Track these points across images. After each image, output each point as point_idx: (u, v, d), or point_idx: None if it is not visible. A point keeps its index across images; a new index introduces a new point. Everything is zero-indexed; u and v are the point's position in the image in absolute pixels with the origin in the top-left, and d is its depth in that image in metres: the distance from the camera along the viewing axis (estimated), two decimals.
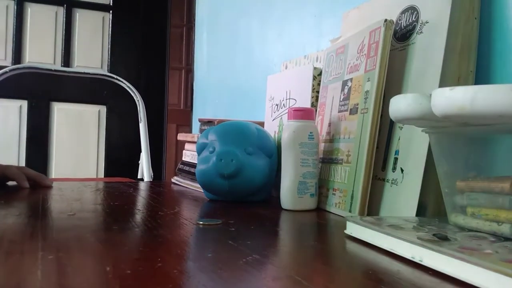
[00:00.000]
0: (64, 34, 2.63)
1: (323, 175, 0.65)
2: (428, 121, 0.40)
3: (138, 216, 0.54)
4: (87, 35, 2.67)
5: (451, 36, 0.53)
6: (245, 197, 0.68)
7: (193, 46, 2.13)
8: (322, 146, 0.67)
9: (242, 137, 0.68)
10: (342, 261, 0.38)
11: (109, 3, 2.72)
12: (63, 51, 2.62)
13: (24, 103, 2.57)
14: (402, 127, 0.56)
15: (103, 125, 2.71)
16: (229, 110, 1.57)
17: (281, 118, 0.81)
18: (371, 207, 0.57)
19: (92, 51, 2.68)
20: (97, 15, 2.69)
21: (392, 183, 0.56)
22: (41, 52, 2.59)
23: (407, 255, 0.35)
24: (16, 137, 2.51)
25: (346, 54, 0.65)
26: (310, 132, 0.62)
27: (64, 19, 2.63)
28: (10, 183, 0.80)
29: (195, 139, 0.88)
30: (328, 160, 0.65)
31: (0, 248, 0.37)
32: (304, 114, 0.63)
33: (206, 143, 0.69)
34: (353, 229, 0.44)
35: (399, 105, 0.41)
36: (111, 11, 2.71)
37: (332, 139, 0.65)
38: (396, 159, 0.56)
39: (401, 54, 0.58)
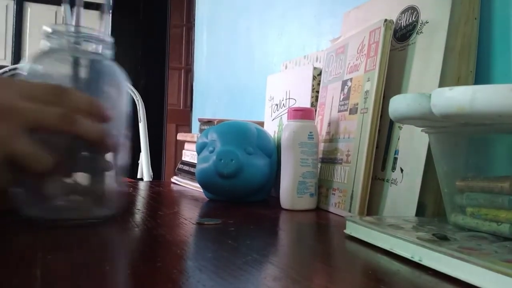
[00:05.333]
0: None
1: (322, 175, 0.65)
2: (427, 121, 0.40)
3: (138, 216, 0.54)
4: None
5: (451, 36, 0.53)
6: (245, 197, 0.68)
7: (192, 46, 2.13)
8: (321, 146, 0.67)
9: (242, 137, 0.68)
10: (342, 261, 0.38)
11: (109, 3, 2.72)
12: None
13: None
14: (401, 127, 0.56)
15: None
16: (228, 110, 1.57)
17: (281, 118, 0.81)
18: (370, 207, 0.57)
19: None
20: (97, 15, 2.69)
21: (391, 183, 0.56)
22: None
23: (407, 255, 0.35)
24: None
25: (346, 54, 0.66)
26: (310, 132, 0.62)
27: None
28: None
29: (195, 139, 0.88)
30: (327, 160, 0.65)
31: (0, 248, 0.37)
32: (304, 114, 0.63)
33: (206, 143, 0.69)
34: (353, 229, 0.44)
35: (399, 105, 0.41)
36: (111, 11, 2.71)
37: (331, 139, 0.65)
38: (395, 159, 0.56)
39: (401, 54, 0.58)
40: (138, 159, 1.65)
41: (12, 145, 0.35)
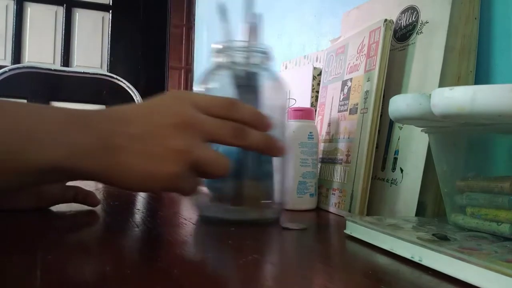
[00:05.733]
0: (64, 34, 2.63)
1: (322, 175, 0.65)
2: (427, 121, 0.40)
3: (138, 216, 0.54)
4: (87, 35, 2.67)
5: (451, 36, 0.53)
6: None
7: (193, 46, 2.13)
8: (321, 146, 0.67)
9: None
10: (342, 261, 0.38)
11: (109, 3, 2.72)
12: (63, 51, 2.62)
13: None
14: (401, 127, 0.56)
15: None
16: None
17: None
18: (370, 207, 0.57)
19: (92, 51, 2.68)
20: (97, 15, 2.69)
21: (391, 183, 0.56)
22: (41, 52, 2.59)
23: (407, 255, 0.35)
24: None
25: (346, 54, 0.66)
26: (310, 132, 0.62)
27: (64, 19, 2.63)
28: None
29: None
30: (327, 160, 0.65)
31: (0, 248, 0.37)
32: (304, 114, 0.63)
33: None
34: (353, 229, 0.44)
35: (399, 105, 0.41)
36: (111, 11, 2.72)
37: (331, 139, 0.65)
38: (395, 159, 0.56)
39: (401, 54, 0.58)
40: None
41: (196, 152, 0.39)
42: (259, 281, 0.31)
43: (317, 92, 0.73)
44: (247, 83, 0.51)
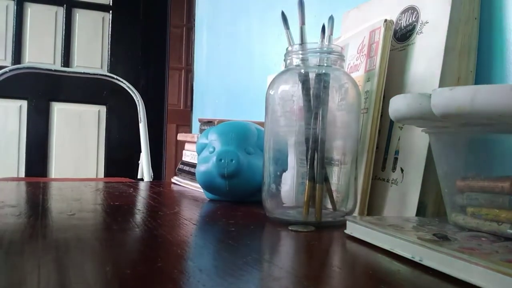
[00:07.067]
0: (64, 34, 2.63)
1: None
2: (428, 121, 0.40)
3: (138, 216, 0.54)
4: (87, 35, 2.67)
5: (451, 36, 0.53)
6: (245, 197, 0.68)
7: (193, 46, 2.13)
8: None
9: (242, 137, 0.68)
10: (342, 261, 0.38)
11: (109, 3, 2.72)
12: (63, 51, 2.62)
13: (24, 103, 2.57)
14: (402, 127, 0.56)
15: (103, 125, 2.71)
16: (229, 110, 1.57)
17: None
18: (371, 207, 0.57)
19: (92, 51, 2.68)
20: (97, 15, 2.69)
21: (392, 183, 0.56)
22: (41, 52, 2.59)
23: (407, 255, 0.35)
24: (16, 137, 2.51)
25: (346, 54, 0.65)
26: None
27: (64, 19, 2.63)
28: None
29: (195, 139, 0.88)
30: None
31: (0, 248, 0.37)
32: None
33: (206, 143, 0.69)
34: (353, 229, 0.44)
35: (399, 105, 0.41)
36: (111, 11, 2.72)
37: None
38: (396, 159, 0.56)
39: (401, 54, 0.58)
40: (138, 159, 1.65)
41: None
42: (259, 281, 0.31)
43: None
44: (318, 85, 0.52)
